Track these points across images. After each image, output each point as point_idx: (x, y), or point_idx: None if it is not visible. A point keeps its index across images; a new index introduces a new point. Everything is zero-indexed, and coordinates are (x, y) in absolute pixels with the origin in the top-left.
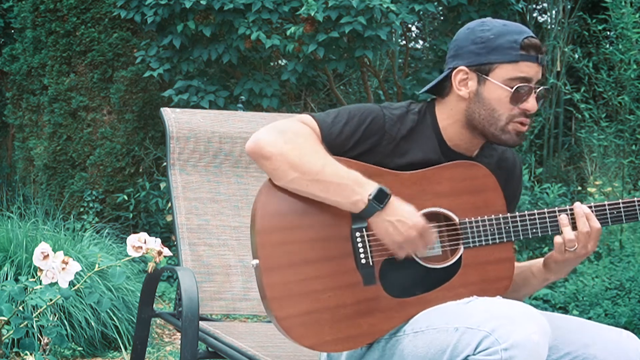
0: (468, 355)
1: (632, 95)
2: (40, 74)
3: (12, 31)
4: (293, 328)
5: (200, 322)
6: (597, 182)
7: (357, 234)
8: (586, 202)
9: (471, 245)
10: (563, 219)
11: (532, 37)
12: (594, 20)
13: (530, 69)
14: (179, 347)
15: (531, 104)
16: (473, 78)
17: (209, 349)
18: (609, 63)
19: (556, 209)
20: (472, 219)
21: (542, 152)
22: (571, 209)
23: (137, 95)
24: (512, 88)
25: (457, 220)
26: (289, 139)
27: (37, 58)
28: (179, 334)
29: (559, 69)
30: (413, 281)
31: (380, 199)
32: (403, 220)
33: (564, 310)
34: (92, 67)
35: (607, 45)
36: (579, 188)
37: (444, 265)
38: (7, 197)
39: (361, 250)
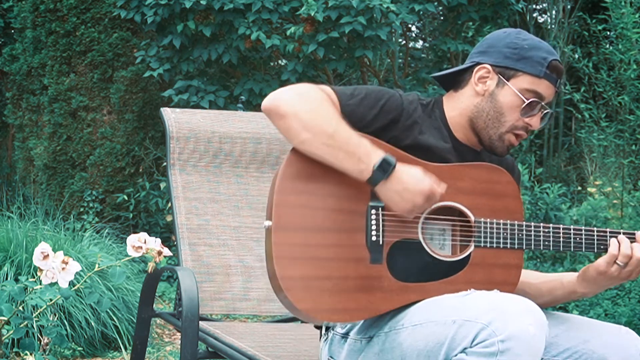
0: (465, 348)
1: (632, 95)
2: (40, 74)
3: (12, 31)
4: (293, 289)
5: (200, 322)
6: (597, 182)
7: (373, 211)
8: (587, 202)
9: (482, 245)
10: (623, 239)
11: (558, 61)
12: (593, 20)
13: (547, 90)
14: (179, 347)
15: (535, 121)
16: (494, 78)
17: (209, 349)
18: (609, 63)
19: (571, 227)
20: (488, 220)
21: (542, 152)
22: (632, 234)
23: (137, 95)
24: (527, 99)
25: (472, 218)
26: (306, 101)
27: (37, 58)
28: (179, 334)
29: None
30: (419, 268)
31: (384, 168)
32: (409, 189)
33: (564, 310)
34: (92, 67)
35: (607, 45)
36: (579, 188)
37: (452, 259)
38: (7, 197)
39: (374, 227)
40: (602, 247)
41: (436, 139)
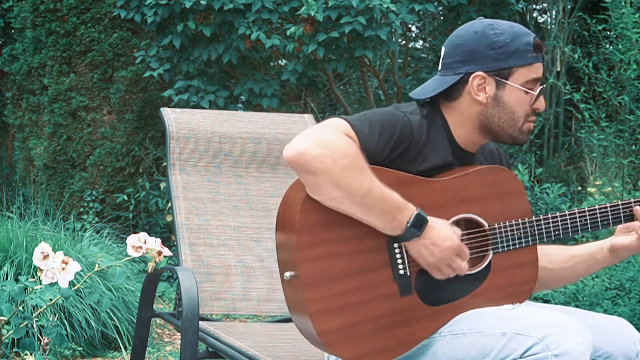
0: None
1: (632, 95)
2: (40, 74)
3: (12, 31)
4: (333, 342)
5: (200, 322)
6: (597, 182)
7: (395, 244)
8: (587, 202)
9: (500, 250)
10: None
11: (537, 37)
12: (594, 20)
13: (540, 70)
14: (179, 347)
15: (542, 103)
16: (491, 83)
17: (209, 349)
18: (609, 63)
19: (576, 210)
20: (501, 224)
21: (542, 152)
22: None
23: (137, 95)
24: (530, 90)
25: (486, 225)
26: (338, 158)
27: (37, 58)
28: (179, 334)
29: (559, 69)
30: (446, 288)
31: (418, 225)
32: (437, 243)
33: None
34: (92, 67)
35: (607, 45)
36: (579, 188)
37: (474, 271)
38: (7, 197)
39: (399, 261)
40: (615, 220)
41: (441, 152)
